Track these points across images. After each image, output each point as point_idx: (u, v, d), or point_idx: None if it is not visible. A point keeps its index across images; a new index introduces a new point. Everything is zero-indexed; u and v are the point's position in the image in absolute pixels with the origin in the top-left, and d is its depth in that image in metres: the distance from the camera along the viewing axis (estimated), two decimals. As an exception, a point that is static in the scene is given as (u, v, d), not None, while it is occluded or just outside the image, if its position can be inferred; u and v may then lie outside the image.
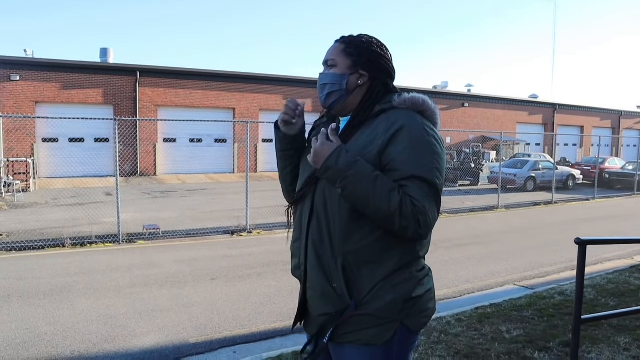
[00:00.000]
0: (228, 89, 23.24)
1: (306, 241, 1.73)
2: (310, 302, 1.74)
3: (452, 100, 29.72)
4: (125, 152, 20.35)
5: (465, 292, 6.27)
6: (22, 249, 8.08)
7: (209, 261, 7.59)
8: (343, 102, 1.76)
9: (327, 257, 1.66)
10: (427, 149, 1.59)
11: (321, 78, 1.79)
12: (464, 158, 25.05)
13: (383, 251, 1.61)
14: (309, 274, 1.72)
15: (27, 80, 19.26)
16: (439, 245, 8.89)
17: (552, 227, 11.22)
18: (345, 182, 1.56)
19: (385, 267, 1.62)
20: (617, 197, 18.68)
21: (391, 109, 1.67)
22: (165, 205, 13.62)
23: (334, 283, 1.64)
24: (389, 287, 1.61)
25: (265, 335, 4.76)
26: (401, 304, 1.62)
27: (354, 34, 1.81)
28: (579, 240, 2.64)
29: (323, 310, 1.68)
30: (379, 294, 1.61)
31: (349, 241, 1.62)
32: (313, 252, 1.69)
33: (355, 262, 1.62)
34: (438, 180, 1.59)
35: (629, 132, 39.75)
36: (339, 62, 1.76)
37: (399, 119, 1.62)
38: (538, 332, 4.42)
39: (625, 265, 7.56)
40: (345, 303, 1.63)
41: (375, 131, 1.63)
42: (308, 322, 1.80)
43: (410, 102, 1.68)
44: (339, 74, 1.75)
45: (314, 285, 1.70)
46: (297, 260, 1.80)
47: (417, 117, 1.64)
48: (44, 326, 4.84)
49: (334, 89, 1.75)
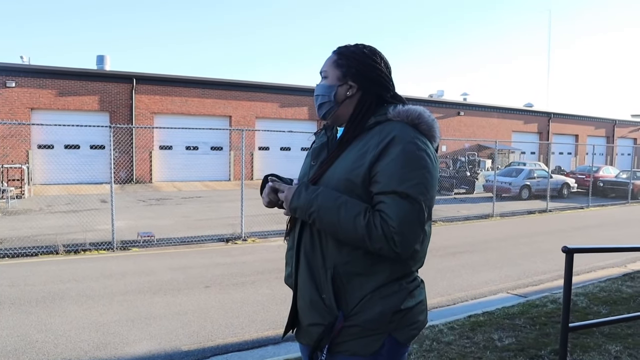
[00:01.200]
0: (224, 97, 23.28)
1: (297, 251, 1.74)
2: (300, 312, 1.75)
3: (448, 109, 29.86)
4: (121, 159, 20.33)
5: (458, 300, 6.28)
6: (15, 256, 8.04)
7: (203, 269, 7.57)
8: (333, 113, 1.77)
9: (317, 268, 1.67)
10: (415, 163, 1.55)
11: (315, 89, 1.83)
12: (459, 166, 25.16)
13: (373, 264, 1.61)
14: (300, 283, 1.73)
15: (23, 86, 19.25)
16: (433, 253, 8.90)
17: (547, 235, 11.26)
18: (311, 217, 1.62)
19: (375, 280, 1.62)
20: (611, 205, 18.78)
21: (386, 121, 1.66)
22: (161, 213, 13.60)
23: (323, 294, 1.65)
24: (377, 298, 1.61)
25: (257, 344, 4.76)
26: (389, 315, 1.61)
27: (349, 44, 1.79)
28: (566, 248, 2.66)
29: (311, 320, 1.69)
30: (367, 306, 1.61)
31: (340, 253, 1.62)
32: (304, 262, 1.71)
33: (345, 274, 1.63)
34: (423, 196, 1.55)
35: (623, 141, 39.99)
36: (330, 74, 1.77)
37: (391, 132, 1.60)
38: (530, 340, 4.43)
39: (618, 273, 7.59)
40: (333, 314, 1.63)
41: (367, 144, 1.62)
42: (299, 331, 1.81)
43: (404, 114, 1.64)
44: (328, 85, 1.77)
45: (303, 294, 1.71)
46: (290, 269, 1.82)
47: (410, 130, 1.61)
48: (36, 334, 4.82)
49: (324, 100, 1.77)
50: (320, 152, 1.80)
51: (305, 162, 1.88)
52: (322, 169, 1.70)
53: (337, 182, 1.63)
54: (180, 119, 22.12)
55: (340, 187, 1.62)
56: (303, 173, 1.84)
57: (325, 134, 1.86)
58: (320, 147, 1.81)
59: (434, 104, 29.47)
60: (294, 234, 1.77)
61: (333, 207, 1.57)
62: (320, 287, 1.66)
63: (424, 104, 30.39)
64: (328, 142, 1.81)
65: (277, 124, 23.77)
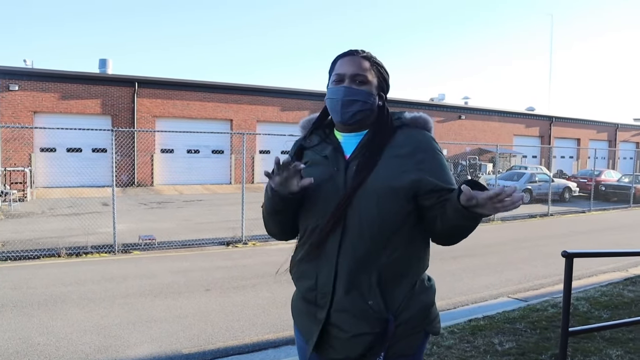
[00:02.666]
0: (225, 101, 23.34)
1: (336, 262, 1.65)
2: (340, 324, 1.64)
3: (449, 112, 29.89)
4: (123, 162, 20.35)
5: (459, 305, 6.27)
6: (17, 259, 8.06)
7: (204, 272, 7.58)
8: (365, 119, 1.75)
9: (360, 274, 1.63)
10: (445, 164, 1.75)
11: (350, 92, 1.70)
12: (460, 170, 25.16)
13: (411, 263, 1.69)
14: (337, 295, 1.65)
15: (26, 90, 19.33)
16: (434, 257, 8.78)
17: (548, 240, 11.25)
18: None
19: (411, 278, 1.69)
20: (613, 209, 18.75)
21: (404, 127, 1.76)
22: (162, 216, 13.62)
23: (369, 300, 1.62)
24: (416, 296, 1.69)
25: (258, 347, 4.76)
26: (428, 311, 1.71)
27: (365, 50, 1.79)
28: (565, 253, 2.67)
29: (358, 331, 1.62)
30: (409, 304, 1.66)
31: (383, 255, 1.63)
32: (345, 272, 1.63)
33: (388, 276, 1.65)
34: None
35: (626, 145, 39.95)
36: (370, 80, 1.74)
37: (422, 140, 1.73)
38: (530, 345, 4.43)
39: (619, 277, 7.59)
40: (382, 318, 1.62)
41: (400, 151, 1.69)
42: (329, 345, 1.68)
43: (422, 123, 1.78)
44: (370, 92, 1.73)
45: (344, 305, 1.63)
46: (313, 282, 1.70)
47: (431, 137, 1.76)
48: (37, 336, 4.83)
49: (365, 107, 1.72)
50: (337, 158, 1.73)
51: (318, 169, 1.73)
52: (363, 175, 1.65)
53: (381, 187, 1.63)
54: (182, 122, 22.18)
55: (382, 193, 1.63)
56: (323, 179, 1.70)
57: (325, 141, 1.80)
58: (334, 152, 1.75)
59: (435, 107, 29.51)
60: (327, 246, 1.66)
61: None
62: (365, 293, 1.62)
63: (425, 108, 30.39)
64: (335, 148, 1.76)
65: (279, 127, 23.81)
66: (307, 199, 1.71)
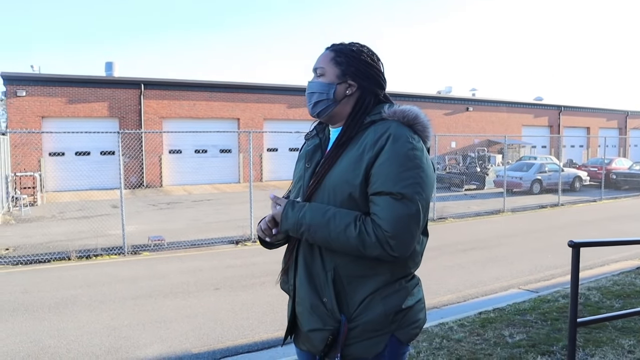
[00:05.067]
0: (232, 100, 23.35)
1: (296, 255, 1.71)
2: (300, 317, 1.70)
3: (456, 104, 29.69)
4: (131, 164, 20.47)
5: (469, 297, 6.23)
6: (28, 263, 8.14)
7: (213, 271, 7.60)
8: (330, 111, 1.72)
9: (317, 271, 1.64)
10: (410, 162, 1.53)
11: (309, 86, 1.76)
12: (469, 162, 25.03)
13: (375, 265, 1.59)
14: (298, 288, 1.69)
15: (33, 95, 19.47)
16: (443, 250, 8.87)
17: (558, 230, 11.15)
18: (303, 236, 1.62)
19: (376, 281, 1.60)
20: (625, 197, 18.54)
21: (380, 120, 1.64)
22: (171, 217, 13.68)
23: (324, 297, 1.61)
24: (379, 299, 1.59)
25: (267, 345, 4.76)
26: (392, 315, 1.59)
27: (345, 42, 1.77)
28: (572, 243, 2.63)
29: (312, 326, 1.64)
30: (369, 306, 1.58)
31: (340, 255, 1.59)
32: (303, 265, 1.68)
33: (346, 276, 1.60)
34: (419, 196, 1.53)
35: (636, 132, 39.46)
36: (328, 71, 1.72)
37: (387, 131, 1.58)
38: (541, 336, 4.38)
39: (631, 266, 7.50)
40: (335, 318, 1.59)
41: (363, 144, 1.60)
42: (298, 336, 1.77)
43: (401, 114, 1.63)
44: (326, 82, 1.71)
45: (302, 299, 1.67)
46: (286, 275, 1.79)
47: (405, 129, 1.59)
48: (48, 339, 4.87)
49: (321, 97, 1.72)
50: (314, 154, 1.77)
51: (299, 165, 1.83)
52: (321, 172, 1.66)
53: (336, 184, 1.60)
54: (189, 122, 22.24)
55: (339, 190, 1.60)
56: (298, 177, 1.81)
57: (317, 135, 1.82)
58: (314, 148, 1.78)
59: (442, 100, 29.32)
60: (291, 239, 1.74)
61: (322, 222, 1.56)
62: (321, 290, 1.62)
63: (432, 101, 30.19)
64: (321, 144, 1.78)
65: (286, 125, 23.80)
66: (290, 194, 1.83)
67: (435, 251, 8.67)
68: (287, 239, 1.79)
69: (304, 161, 1.79)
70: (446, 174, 21.64)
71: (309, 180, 1.71)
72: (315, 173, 1.69)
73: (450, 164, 24.89)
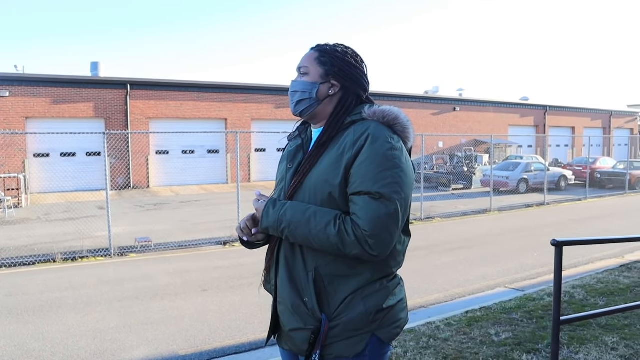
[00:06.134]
0: (219, 100, 23.26)
1: (277, 255, 1.73)
2: (281, 317, 1.71)
3: (443, 104, 29.86)
4: (118, 165, 20.31)
5: (456, 296, 6.27)
6: (12, 266, 8.03)
7: (201, 272, 7.57)
8: (313, 110, 1.74)
9: (298, 271, 1.65)
10: (389, 162, 1.54)
11: (292, 85, 1.78)
12: (456, 162, 25.17)
13: (355, 265, 1.60)
14: (280, 288, 1.71)
15: (17, 95, 19.21)
16: (431, 249, 8.92)
17: (544, 228, 11.26)
18: (283, 234, 1.63)
19: (357, 281, 1.61)
20: (609, 196, 18.79)
21: (360, 121, 1.65)
22: (158, 218, 13.58)
23: (305, 297, 1.63)
24: (360, 298, 1.60)
25: (255, 346, 4.75)
26: (372, 315, 1.60)
27: (329, 43, 1.78)
28: (555, 242, 2.66)
29: (293, 325, 1.65)
30: (349, 306, 1.60)
31: (321, 255, 1.61)
32: (284, 265, 1.69)
33: (327, 276, 1.61)
34: (397, 195, 1.53)
35: (620, 132, 40.00)
36: (311, 70, 1.74)
37: (365, 131, 1.59)
38: (527, 334, 4.43)
39: (615, 264, 7.59)
40: (316, 318, 1.61)
41: (343, 144, 1.62)
42: (281, 336, 1.78)
43: (380, 114, 1.64)
44: (310, 82, 1.73)
45: (284, 299, 1.68)
46: (268, 275, 1.81)
47: (385, 130, 1.60)
48: (33, 342, 4.81)
49: (304, 97, 1.74)
50: (296, 155, 1.78)
51: (281, 166, 1.85)
52: (302, 172, 1.67)
53: (317, 184, 1.62)
54: (176, 123, 22.11)
55: (319, 190, 1.61)
56: (280, 177, 1.82)
57: (299, 136, 1.84)
58: (296, 149, 1.80)
59: (429, 100, 29.47)
60: (273, 239, 1.76)
61: (302, 220, 1.57)
62: (302, 290, 1.64)
63: (419, 101, 30.21)
64: (303, 144, 1.79)
65: (273, 125, 23.76)
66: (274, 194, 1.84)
67: (422, 250, 8.71)
68: (267, 239, 1.80)
69: (287, 162, 1.80)
70: (434, 174, 21.76)
71: (290, 180, 1.73)
72: (297, 173, 1.71)
73: (438, 164, 25.01)
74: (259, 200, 1.72)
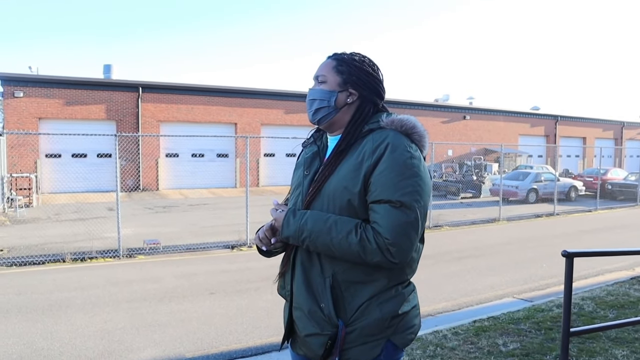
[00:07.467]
0: (229, 104, 23.39)
1: (293, 261, 1.74)
2: (297, 322, 1.73)
3: (453, 113, 29.80)
4: (128, 167, 20.47)
5: (464, 305, 6.24)
6: (23, 264, 8.10)
7: (208, 276, 7.59)
8: (331, 118, 1.76)
9: (315, 277, 1.67)
10: (408, 171, 1.57)
11: (310, 93, 1.80)
12: (465, 170, 25.07)
13: (372, 272, 1.62)
14: (295, 293, 1.72)
15: (31, 96, 19.44)
16: (439, 258, 8.88)
17: (554, 239, 11.17)
18: (304, 243, 1.63)
19: (374, 287, 1.63)
20: (620, 208, 18.61)
21: (378, 129, 1.67)
22: (167, 220, 13.65)
23: (321, 303, 1.64)
24: (376, 305, 1.62)
25: (261, 350, 4.75)
26: (388, 321, 1.62)
27: (346, 52, 1.81)
28: (565, 252, 2.64)
29: (309, 331, 1.67)
30: (365, 312, 1.61)
31: (339, 261, 1.62)
32: (301, 271, 1.70)
33: (344, 282, 1.63)
34: (417, 204, 1.56)
35: (632, 143, 39.70)
36: (329, 79, 1.76)
37: (385, 140, 1.61)
38: (534, 345, 4.39)
39: (626, 276, 7.52)
40: (333, 324, 1.62)
41: (362, 152, 1.63)
42: (295, 341, 1.79)
43: (399, 123, 1.66)
44: (328, 90, 1.75)
45: (300, 305, 1.70)
46: (283, 280, 1.82)
47: (403, 138, 1.63)
48: (41, 341, 4.85)
49: (322, 105, 1.75)
50: (312, 162, 1.79)
51: (297, 172, 1.86)
52: (320, 179, 1.69)
53: (336, 191, 1.63)
54: (186, 126, 22.25)
55: (338, 197, 1.62)
56: (297, 184, 1.83)
57: (314, 143, 1.85)
58: (312, 156, 1.81)
59: (440, 108, 29.43)
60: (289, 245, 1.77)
61: (324, 229, 1.59)
62: (318, 296, 1.65)
63: (430, 109, 30.19)
64: (319, 151, 1.80)
65: (283, 130, 23.82)
66: (289, 201, 1.85)
67: (430, 259, 8.68)
68: (284, 246, 1.80)
69: (303, 168, 1.81)
70: (442, 182, 21.68)
71: (308, 187, 1.74)
72: (315, 180, 1.72)
73: (447, 172, 24.93)
74: (277, 209, 1.73)
